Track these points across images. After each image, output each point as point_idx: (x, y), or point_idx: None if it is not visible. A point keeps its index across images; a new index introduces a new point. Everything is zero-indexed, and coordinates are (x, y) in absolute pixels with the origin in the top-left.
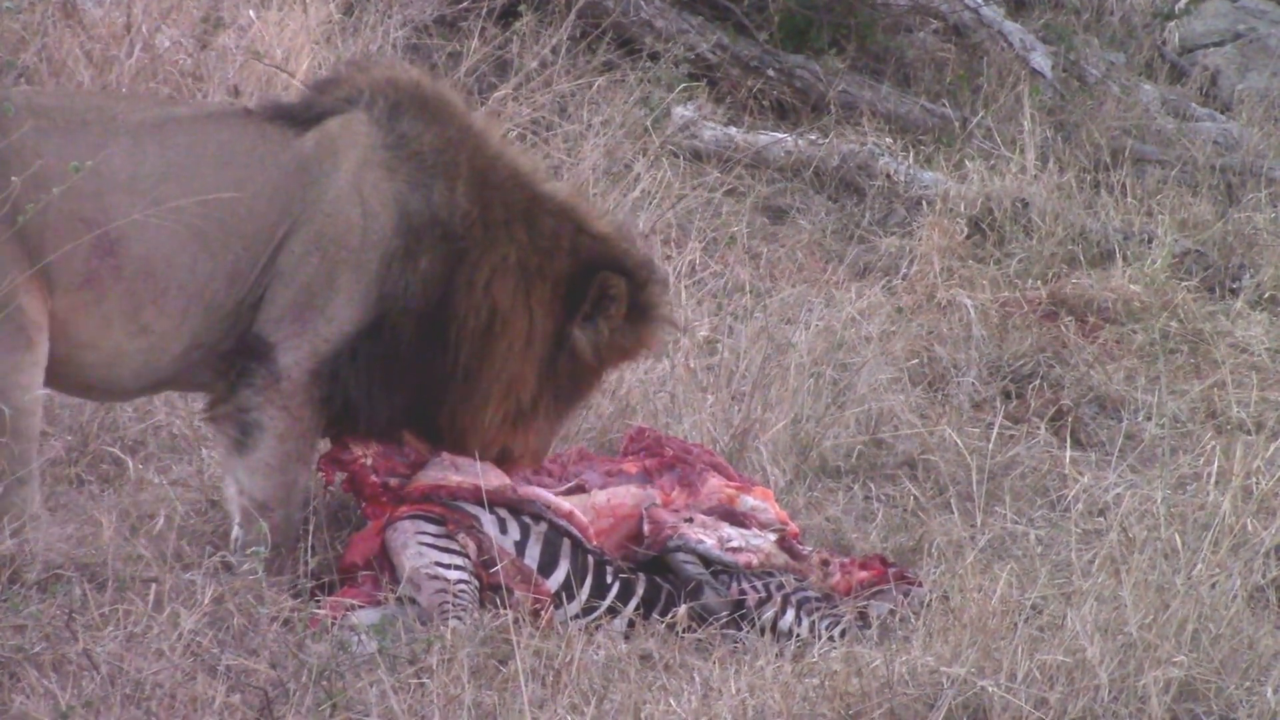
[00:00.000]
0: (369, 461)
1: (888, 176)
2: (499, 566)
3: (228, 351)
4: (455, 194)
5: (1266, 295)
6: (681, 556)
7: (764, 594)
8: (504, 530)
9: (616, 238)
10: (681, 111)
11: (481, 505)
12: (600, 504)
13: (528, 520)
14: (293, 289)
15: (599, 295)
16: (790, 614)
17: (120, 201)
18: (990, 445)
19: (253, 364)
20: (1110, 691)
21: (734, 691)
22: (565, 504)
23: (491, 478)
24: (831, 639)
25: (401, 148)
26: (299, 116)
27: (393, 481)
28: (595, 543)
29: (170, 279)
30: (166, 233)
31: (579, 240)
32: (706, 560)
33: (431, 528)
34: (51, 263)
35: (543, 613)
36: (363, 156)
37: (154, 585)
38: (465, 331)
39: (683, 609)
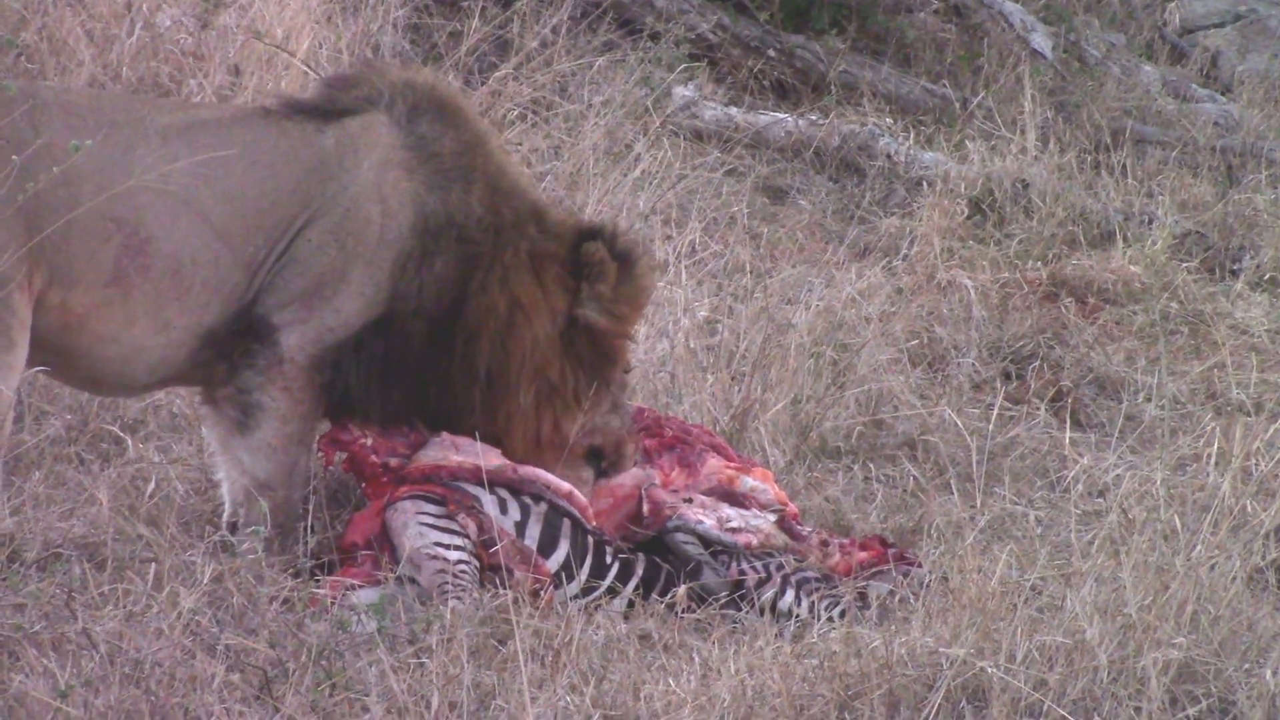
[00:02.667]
0: (369, 442)
1: (888, 157)
2: (499, 547)
3: (230, 333)
4: (471, 198)
5: (1267, 276)
6: (681, 537)
7: (763, 574)
8: (504, 510)
9: (594, 221)
10: (682, 91)
11: (482, 486)
12: (601, 487)
13: (528, 501)
14: (306, 278)
15: (588, 267)
16: (789, 594)
17: (151, 202)
18: (990, 426)
19: (256, 345)
20: (1109, 673)
21: (733, 671)
22: (565, 484)
23: (492, 458)
24: (831, 620)
25: (421, 149)
26: (319, 111)
27: (393, 462)
28: (594, 523)
29: (195, 277)
30: (194, 232)
31: (573, 229)
32: (706, 541)
33: (432, 508)
34: (77, 260)
35: (542, 593)
36: (384, 156)
37: (153, 564)
38: (485, 332)
39: (682, 589)
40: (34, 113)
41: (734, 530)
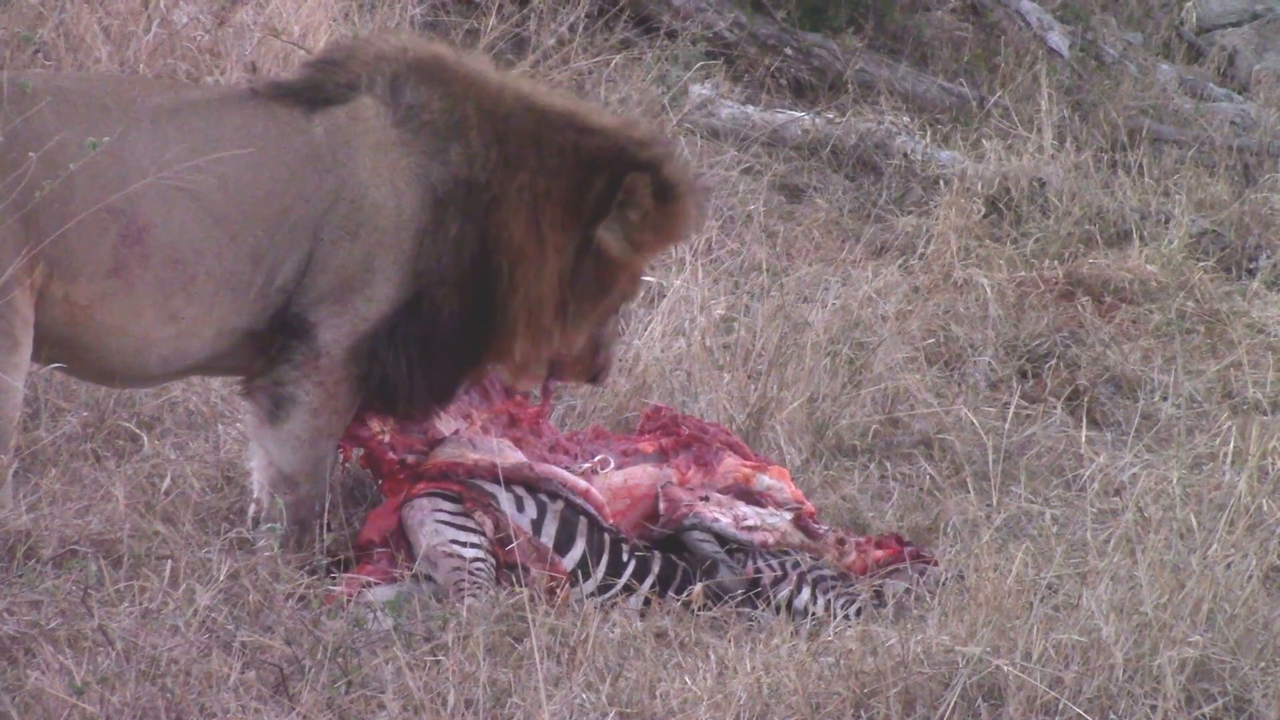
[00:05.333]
0: (386, 438)
1: (905, 155)
2: (515, 544)
3: (266, 331)
4: (471, 146)
5: None
6: (697, 535)
7: (779, 572)
8: (521, 508)
9: (620, 127)
10: (699, 90)
11: (498, 483)
12: (617, 485)
13: (544, 498)
14: (329, 274)
15: (627, 199)
16: (806, 592)
17: (146, 190)
18: (1006, 425)
19: (293, 341)
20: (1125, 671)
21: (749, 669)
22: (581, 482)
23: (509, 455)
24: (847, 618)
25: (412, 121)
26: (303, 97)
27: (410, 458)
28: (611, 520)
29: (198, 265)
30: (192, 219)
31: (583, 144)
32: (722, 539)
33: (449, 505)
34: (75, 252)
35: (558, 590)
36: (377, 140)
37: (169, 561)
38: (502, 276)
39: (698, 587)
40: (23, 100)
41: (750, 528)
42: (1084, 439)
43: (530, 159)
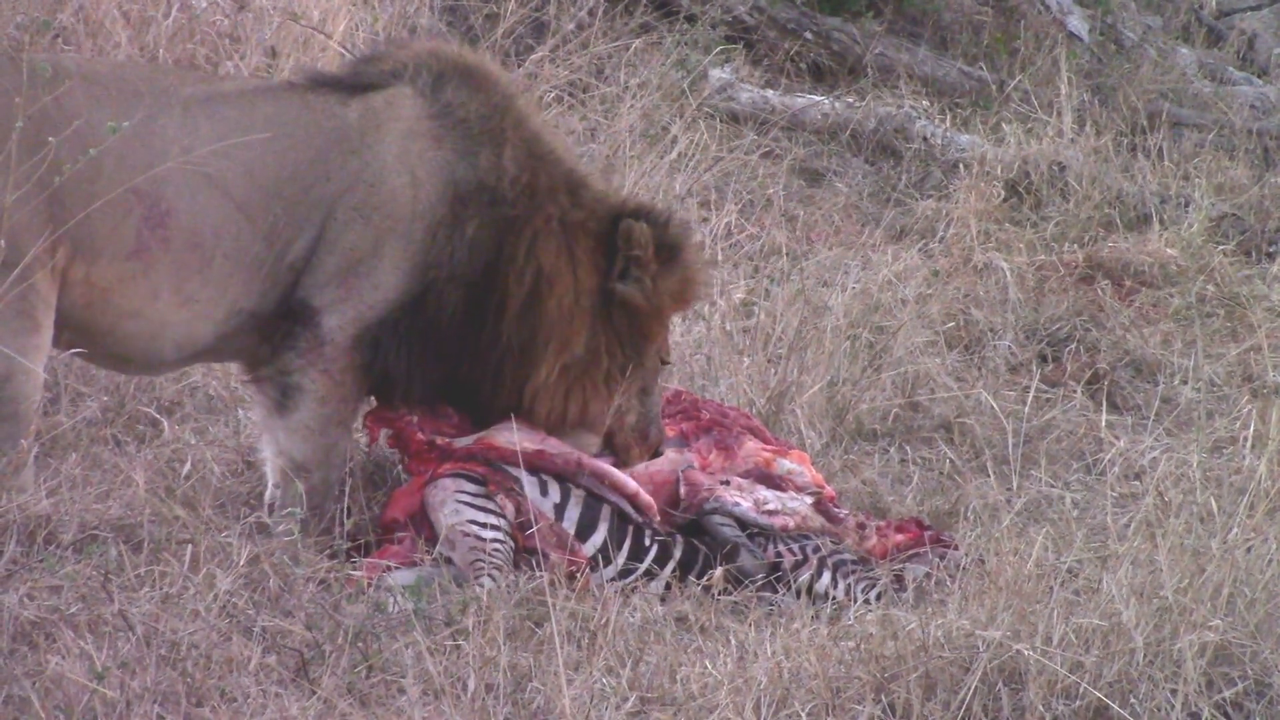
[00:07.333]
0: (415, 419)
1: (924, 139)
2: (535, 529)
3: (271, 316)
4: (502, 160)
5: None
6: (718, 519)
7: (800, 557)
8: (544, 492)
9: (646, 202)
10: (718, 74)
11: (529, 470)
12: (639, 472)
13: (569, 483)
14: (336, 256)
15: (626, 245)
16: (826, 577)
17: (171, 174)
18: (1026, 409)
19: (297, 328)
20: (1145, 655)
21: (769, 654)
22: (631, 484)
23: (552, 445)
24: (867, 602)
25: (446, 117)
26: (343, 85)
27: (438, 439)
28: (656, 517)
29: (216, 249)
30: (214, 204)
31: (613, 204)
32: (743, 523)
33: (471, 486)
34: (99, 233)
35: (579, 575)
36: (408, 128)
37: (190, 546)
38: (511, 300)
39: (719, 571)
40: (56, 85)
41: (771, 513)
42: (1104, 423)
43: (562, 199)
